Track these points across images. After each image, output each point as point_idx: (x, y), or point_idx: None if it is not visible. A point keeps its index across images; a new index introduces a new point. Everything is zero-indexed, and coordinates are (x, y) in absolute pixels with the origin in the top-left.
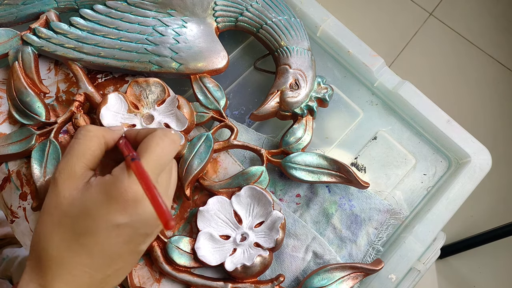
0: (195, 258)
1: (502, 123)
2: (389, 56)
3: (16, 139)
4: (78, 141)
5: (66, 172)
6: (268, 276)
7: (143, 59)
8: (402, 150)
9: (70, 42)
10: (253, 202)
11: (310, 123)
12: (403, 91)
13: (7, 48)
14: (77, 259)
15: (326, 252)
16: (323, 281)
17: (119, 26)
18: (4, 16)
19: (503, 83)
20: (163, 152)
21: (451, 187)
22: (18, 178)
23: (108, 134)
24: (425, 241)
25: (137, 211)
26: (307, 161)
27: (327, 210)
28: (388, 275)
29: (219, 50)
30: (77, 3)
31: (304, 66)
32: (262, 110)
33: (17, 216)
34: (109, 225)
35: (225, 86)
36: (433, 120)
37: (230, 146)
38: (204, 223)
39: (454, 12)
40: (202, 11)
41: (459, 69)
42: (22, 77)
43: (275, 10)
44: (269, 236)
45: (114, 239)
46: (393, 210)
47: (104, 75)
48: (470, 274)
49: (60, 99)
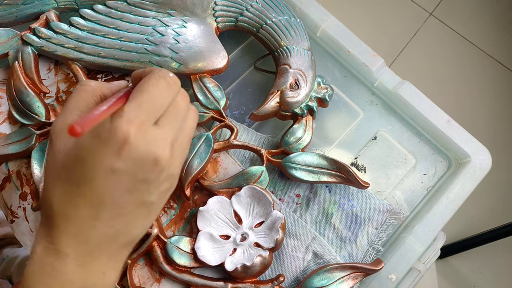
0: (195, 258)
1: (502, 123)
2: (389, 56)
3: (16, 139)
4: (72, 95)
5: (60, 125)
6: (268, 276)
7: (143, 59)
8: (402, 150)
9: (70, 42)
10: (253, 202)
11: (310, 123)
12: (403, 91)
13: (7, 48)
14: (79, 212)
15: (326, 252)
16: (323, 281)
17: (119, 26)
18: (4, 16)
19: (503, 83)
20: (158, 94)
21: (451, 187)
22: (18, 178)
23: (105, 86)
24: (425, 241)
25: (129, 153)
26: (307, 161)
27: (327, 210)
28: (388, 275)
29: (219, 50)
30: (77, 3)
31: (304, 66)
32: (262, 110)
33: (17, 216)
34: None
35: (225, 86)
36: (433, 120)
37: (230, 146)
38: (204, 223)
39: (454, 12)
40: (202, 11)
41: (459, 69)
42: (22, 77)
43: (275, 10)
44: (269, 236)
45: (113, 186)
46: (393, 210)
47: (104, 75)
48: (470, 274)
49: (60, 99)
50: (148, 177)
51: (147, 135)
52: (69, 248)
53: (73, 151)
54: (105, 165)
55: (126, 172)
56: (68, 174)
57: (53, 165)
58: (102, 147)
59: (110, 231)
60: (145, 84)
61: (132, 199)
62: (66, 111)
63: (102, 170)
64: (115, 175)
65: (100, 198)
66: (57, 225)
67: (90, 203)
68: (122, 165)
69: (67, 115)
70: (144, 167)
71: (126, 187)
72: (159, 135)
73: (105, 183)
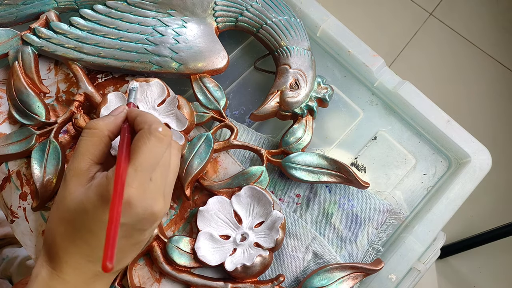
0: (195, 258)
1: (502, 123)
2: (389, 56)
3: (16, 139)
4: (82, 139)
5: (73, 169)
6: (268, 276)
7: (143, 59)
8: (402, 150)
9: (70, 42)
10: (253, 202)
11: (310, 123)
12: (403, 91)
13: (7, 48)
14: (79, 250)
15: (326, 252)
16: (323, 281)
17: (119, 26)
18: (4, 16)
19: (503, 83)
20: (151, 153)
21: (451, 187)
22: (18, 178)
23: (111, 125)
24: (425, 241)
25: (130, 213)
26: (307, 161)
27: (327, 210)
28: (388, 275)
29: (219, 50)
30: (77, 3)
31: (304, 66)
32: (262, 110)
33: (17, 216)
34: (105, 224)
35: (225, 86)
36: (433, 120)
37: (230, 146)
38: (204, 223)
39: (454, 12)
40: (202, 11)
41: (459, 69)
42: (22, 77)
43: (275, 10)
44: (269, 236)
45: None
46: (393, 210)
47: (104, 75)
48: (470, 274)
49: (60, 99)
50: (145, 227)
51: (145, 193)
52: (68, 276)
53: (79, 199)
54: (105, 220)
55: (125, 225)
56: (71, 217)
57: (61, 204)
58: (104, 205)
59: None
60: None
61: (128, 243)
62: (79, 155)
63: (103, 223)
64: None
65: (98, 243)
66: (58, 256)
67: (89, 246)
68: (122, 221)
69: (79, 159)
70: (142, 221)
71: (123, 235)
72: (154, 190)
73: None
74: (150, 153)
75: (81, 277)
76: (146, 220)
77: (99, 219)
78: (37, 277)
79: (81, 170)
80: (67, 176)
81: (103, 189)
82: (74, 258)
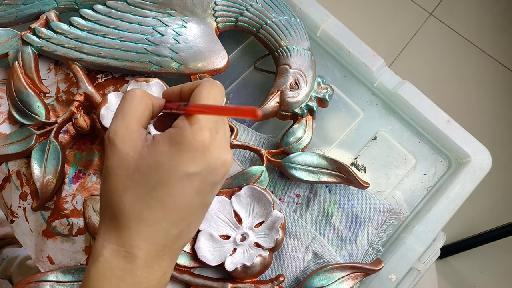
0: (195, 258)
1: (501, 123)
2: (389, 56)
3: (16, 139)
4: (127, 101)
5: (122, 130)
6: (268, 276)
7: (143, 59)
8: (402, 150)
9: (70, 42)
10: (253, 202)
11: (310, 123)
12: (403, 91)
13: (7, 48)
14: (154, 214)
15: (326, 252)
16: (323, 281)
17: (119, 26)
18: (4, 16)
19: (503, 83)
20: (217, 101)
21: (451, 187)
22: (18, 178)
23: (154, 99)
24: (425, 241)
25: (205, 158)
26: (307, 161)
27: (327, 210)
28: (388, 275)
29: (219, 50)
30: (77, 3)
31: (304, 66)
32: (262, 110)
33: (17, 216)
34: (181, 175)
35: (225, 86)
36: (433, 120)
37: (230, 146)
38: (204, 223)
39: (454, 12)
40: (202, 11)
41: (459, 69)
42: (22, 77)
43: (275, 10)
44: (269, 236)
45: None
46: (393, 210)
47: (104, 75)
48: (470, 274)
49: (60, 99)
50: (216, 180)
51: (217, 142)
52: (140, 250)
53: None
54: (182, 170)
55: (199, 175)
56: (142, 177)
57: (122, 170)
58: (181, 152)
59: (176, 232)
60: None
61: (199, 201)
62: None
63: (179, 174)
64: (190, 179)
65: (175, 201)
66: (129, 227)
67: (164, 206)
68: (198, 169)
69: (128, 120)
70: (215, 171)
71: (196, 189)
72: (223, 141)
73: (181, 186)
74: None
75: (152, 249)
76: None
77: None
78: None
79: (131, 130)
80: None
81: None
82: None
